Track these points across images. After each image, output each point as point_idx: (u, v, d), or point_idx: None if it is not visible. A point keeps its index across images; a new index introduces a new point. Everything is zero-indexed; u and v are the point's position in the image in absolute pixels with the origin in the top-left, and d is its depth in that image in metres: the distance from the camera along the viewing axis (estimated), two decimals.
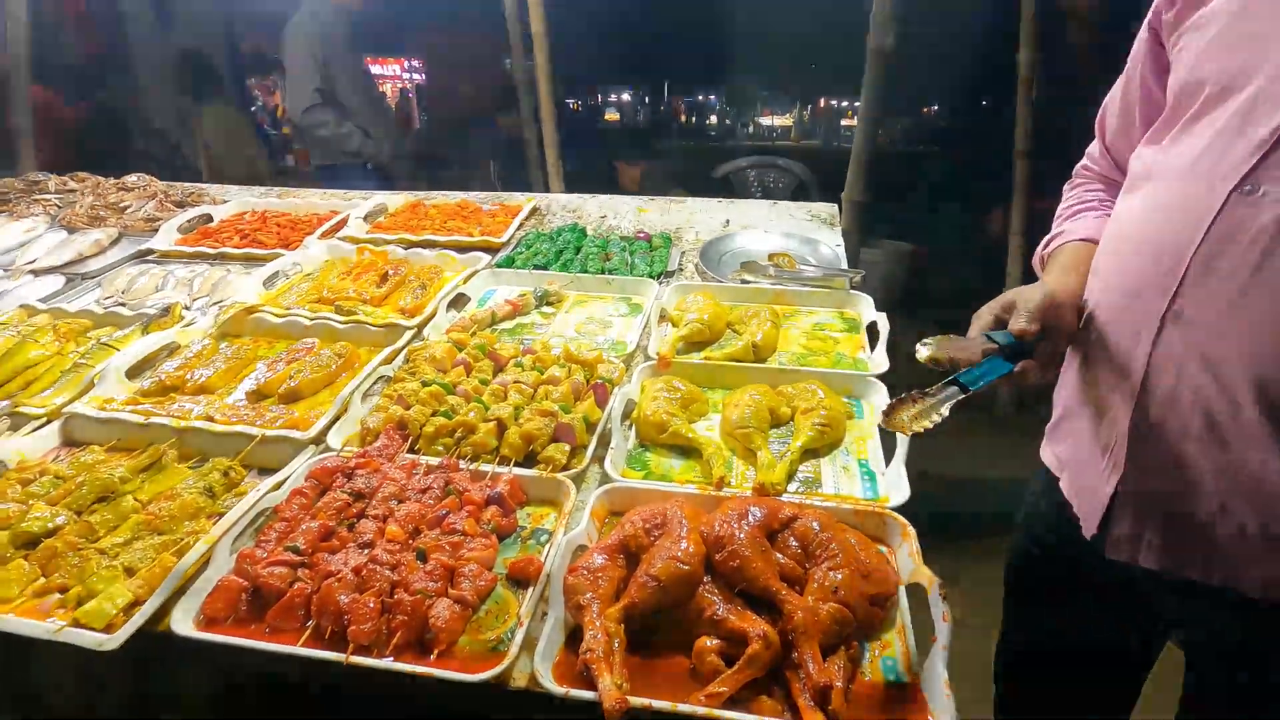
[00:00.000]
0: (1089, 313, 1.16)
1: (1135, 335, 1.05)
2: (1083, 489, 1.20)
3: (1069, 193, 1.40)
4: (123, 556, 1.16)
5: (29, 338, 1.73)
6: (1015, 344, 1.10)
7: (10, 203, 2.72)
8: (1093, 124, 1.34)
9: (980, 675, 1.65)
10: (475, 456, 1.36)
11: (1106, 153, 1.32)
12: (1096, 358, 1.15)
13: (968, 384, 1.09)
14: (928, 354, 1.13)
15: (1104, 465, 1.14)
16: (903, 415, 1.14)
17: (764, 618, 1.00)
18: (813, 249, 2.26)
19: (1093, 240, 1.24)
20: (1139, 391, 1.05)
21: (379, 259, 2.14)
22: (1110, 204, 1.26)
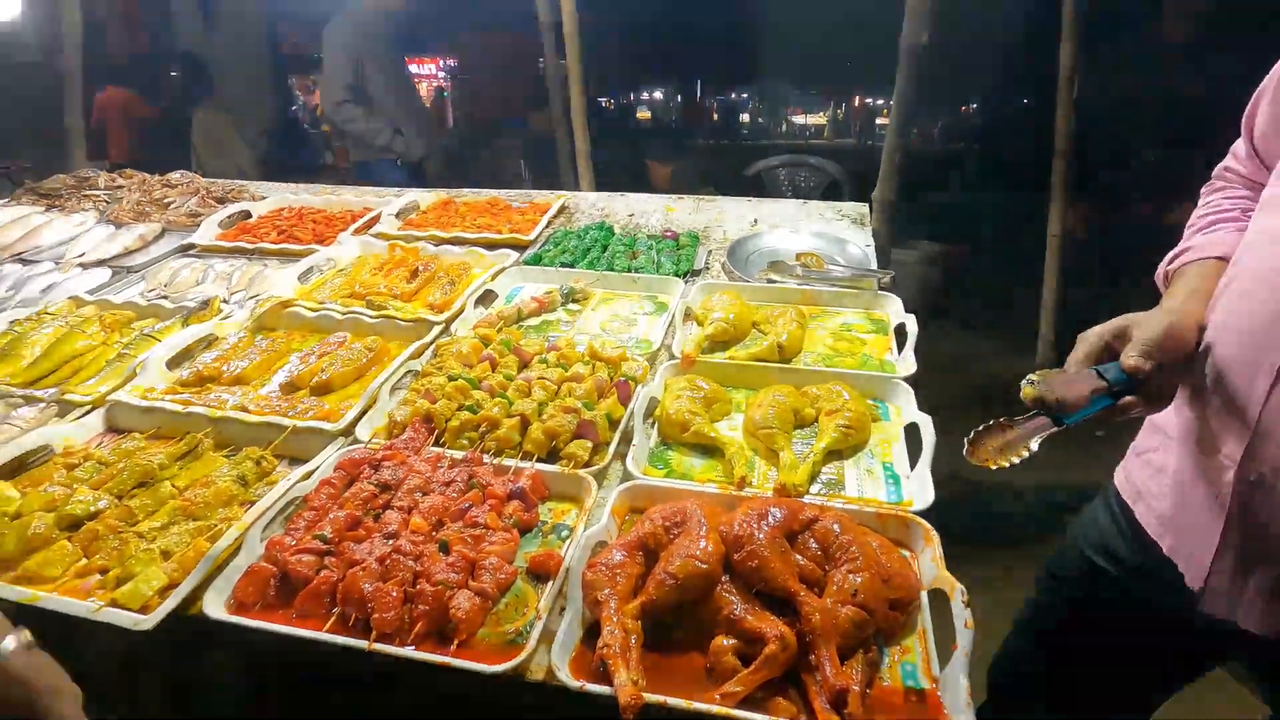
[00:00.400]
0: (1207, 344, 1.05)
1: (1251, 378, 0.96)
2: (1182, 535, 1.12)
3: (1205, 198, 1.24)
4: (159, 540, 1.21)
5: (77, 328, 1.80)
6: (1125, 381, 1.01)
7: (62, 198, 2.83)
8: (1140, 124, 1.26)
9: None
10: (499, 451, 1.37)
11: (1254, 153, 1.15)
12: (1207, 393, 1.05)
13: (1064, 418, 1.02)
14: (1034, 394, 1.05)
15: (1208, 513, 1.06)
16: (989, 446, 1.09)
17: (782, 619, 1.00)
18: (841, 249, 2.24)
19: (1226, 259, 1.10)
20: (1251, 439, 0.97)
21: (410, 255, 2.18)
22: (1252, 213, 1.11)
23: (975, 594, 1.00)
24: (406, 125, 4.49)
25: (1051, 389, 1.04)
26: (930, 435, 1.34)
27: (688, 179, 4.78)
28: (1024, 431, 1.05)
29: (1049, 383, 1.05)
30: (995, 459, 1.09)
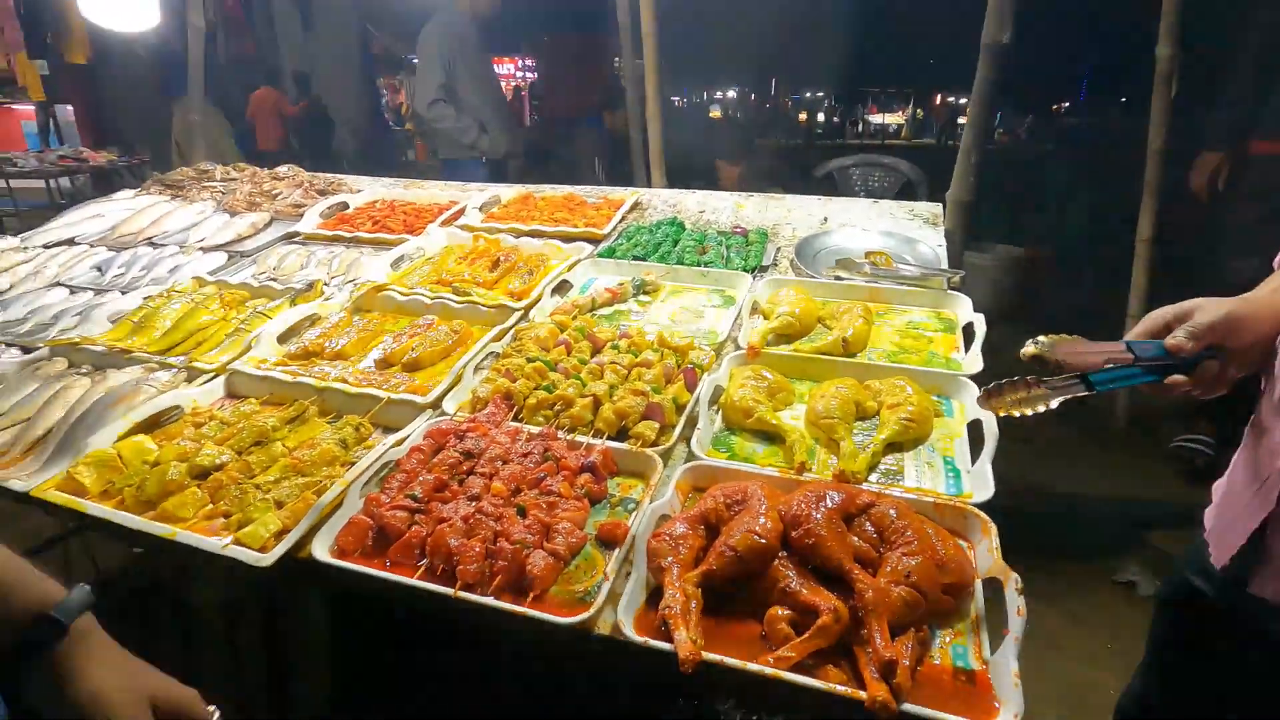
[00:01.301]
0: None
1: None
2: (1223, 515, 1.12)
3: None
4: (273, 492, 1.36)
5: (201, 305, 2.01)
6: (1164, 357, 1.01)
7: (184, 189, 3.12)
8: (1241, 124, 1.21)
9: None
10: (572, 428, 1.47)
11: None
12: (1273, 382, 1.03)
13: (1095, 383, 1.03)
14: (1033, 352, 1.08)
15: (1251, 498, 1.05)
16: (1008, 398, 1.11)
17: (835, 594, 1.05)
18: (912, 248, 2.23)
19: None
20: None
21: (492, 246, 2.31)
22: None
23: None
24: (491, 124, 4.69)
25: (1053, 351, 1.05)
26: (993, 431, 1.35)
27: (756, 180, 4.81)
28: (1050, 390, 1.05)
29: (1055, 345, 1.06)
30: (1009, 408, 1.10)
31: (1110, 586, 2.77)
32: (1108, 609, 2.66)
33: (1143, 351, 1.04)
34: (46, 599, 0.83)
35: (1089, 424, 3.59)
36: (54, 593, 0.84)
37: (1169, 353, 1.01)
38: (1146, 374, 1.03)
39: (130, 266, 2.39)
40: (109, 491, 1.39)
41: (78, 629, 0.83)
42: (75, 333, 1.94)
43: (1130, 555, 2.88)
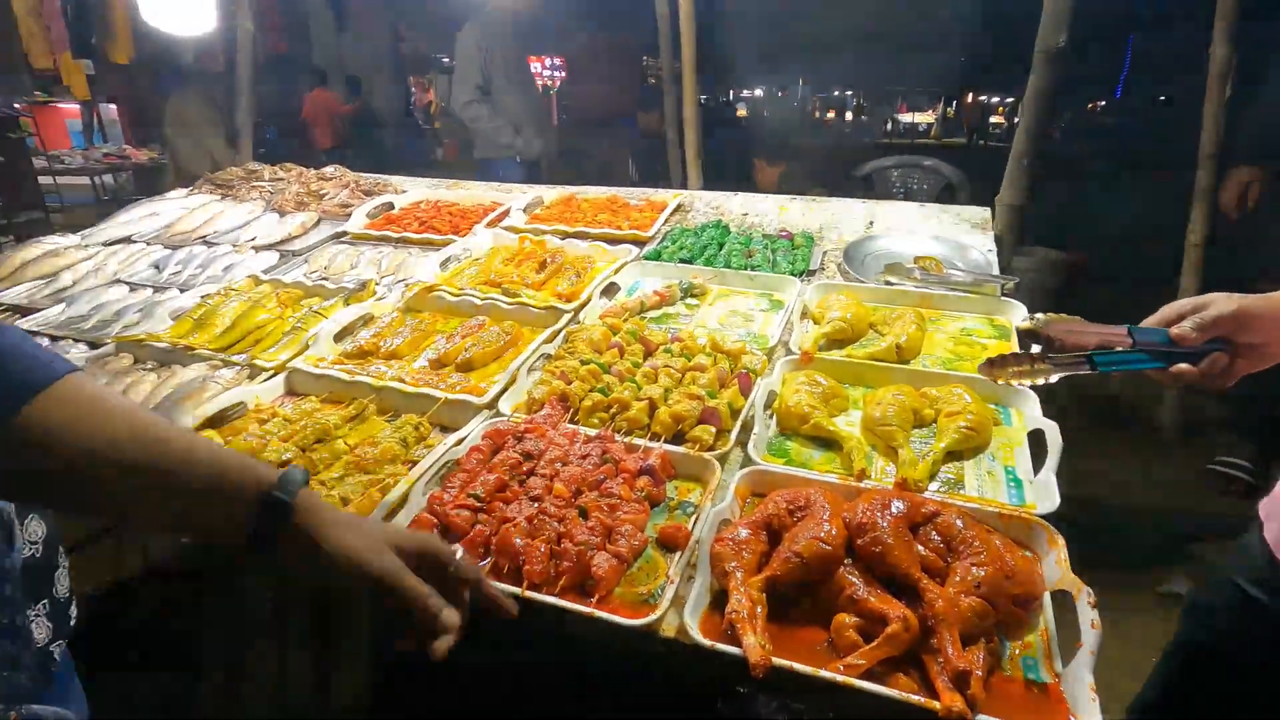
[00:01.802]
0: None
1: None
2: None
3: None
4: (337, 489, 1.39)
5: (258, 303, 2.05)
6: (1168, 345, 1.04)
7: (234, 188, 3.20)
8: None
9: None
10: (629, 431, 1.48)
11: None
12: None
13: (1099, 364, 1.07)
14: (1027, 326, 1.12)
15: None
16: (1010, 369, 1.16)
17: (903, 603, 1.05)
18: (962, 254, 2.21)
19: None
20: None
21: (538, 248, 2.33)
22: None
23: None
24: (526, 124, 4.72)
25: (1048, 327, 1.09)
26: (1056, 441, 1.34)
27: (795, 179, 4.78)
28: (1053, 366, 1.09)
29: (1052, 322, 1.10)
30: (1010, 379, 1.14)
31: (1155, 598, 2.72)
32: (1152, 621, 2.61)
33: (1143, 337, 1.06)
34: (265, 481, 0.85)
35: (1138, 432, 3.52)
36: (269, 474, 0.86)
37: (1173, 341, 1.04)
38: (1153, 360, 1.06)
39: (187, 264, 2.46)
40: None
41: (302, 503, 0.85)
42: (138, 329, 2.00)
43: (1176, 567, 2.82)
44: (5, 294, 2.36)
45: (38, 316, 2.19)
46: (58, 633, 1.07)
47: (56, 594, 1.09)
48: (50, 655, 1.04)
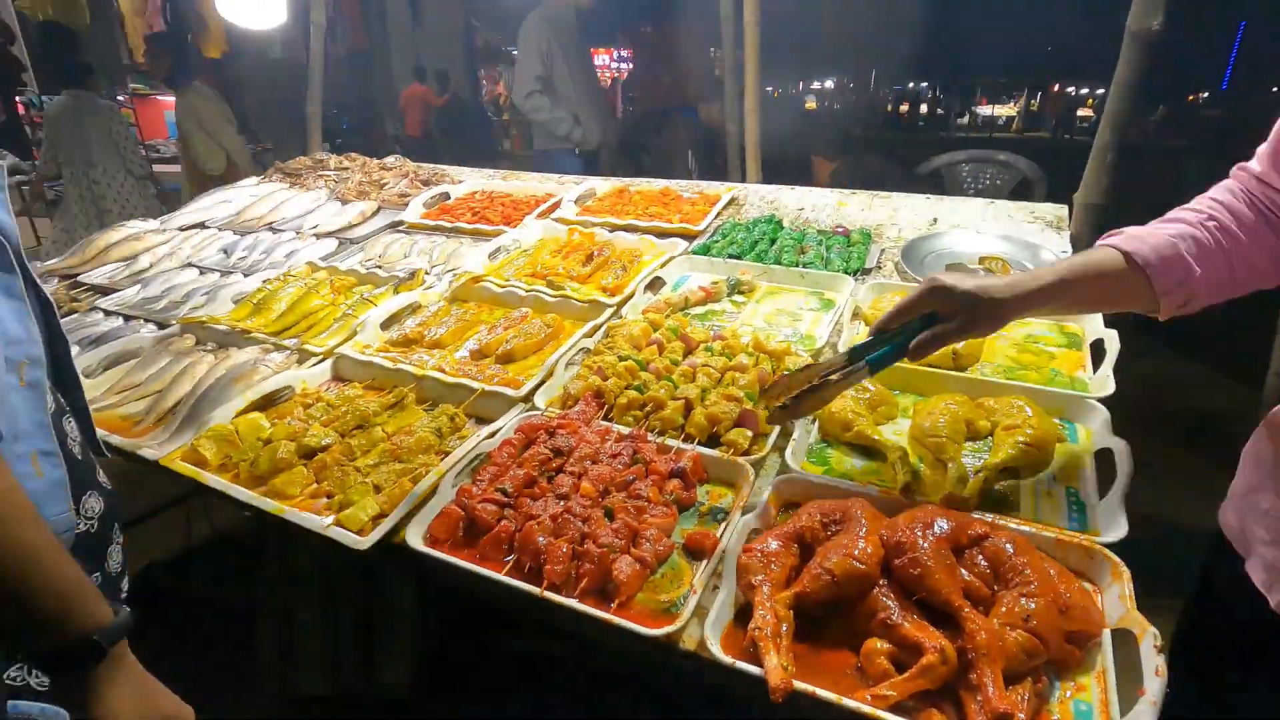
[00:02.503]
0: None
1: None
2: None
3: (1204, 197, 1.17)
4: (372, 475, 1.40)
5: (313, 289, 2.11)
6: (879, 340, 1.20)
7: (301, 177, 3.31)
8: None
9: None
10: (662, 431, 1.44)
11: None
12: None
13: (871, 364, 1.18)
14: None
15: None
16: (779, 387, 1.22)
17: (942, 632, 0.97)
18: (1033, 255, 2.07)
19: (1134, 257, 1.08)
20: None
21: (586, 240, 2.31)
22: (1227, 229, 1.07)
23: None
24: (586, 115, 4.72)
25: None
26: (1127, 463, 1.22)
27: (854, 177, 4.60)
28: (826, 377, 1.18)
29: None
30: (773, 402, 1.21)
31: None
32: None
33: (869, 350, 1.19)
34: (96, 620, 0.87)
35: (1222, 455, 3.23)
36: (102, 616, 0.88)
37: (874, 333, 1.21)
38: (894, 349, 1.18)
39: (252, 250, 2.55)
40: (226, 465, 1.48)
41: (114, 654, 0.88)
42: (203, 311, 2.09)
43: None
44: (89, 275, 2.50)
45: (116, 296, 2.32)
46: None
47: (108, 568, 1.14)
48: None
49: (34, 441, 1.00)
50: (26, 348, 1.00)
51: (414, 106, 9.51)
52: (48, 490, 1.01)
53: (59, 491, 1.04)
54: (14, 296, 0.99)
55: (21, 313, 1.00)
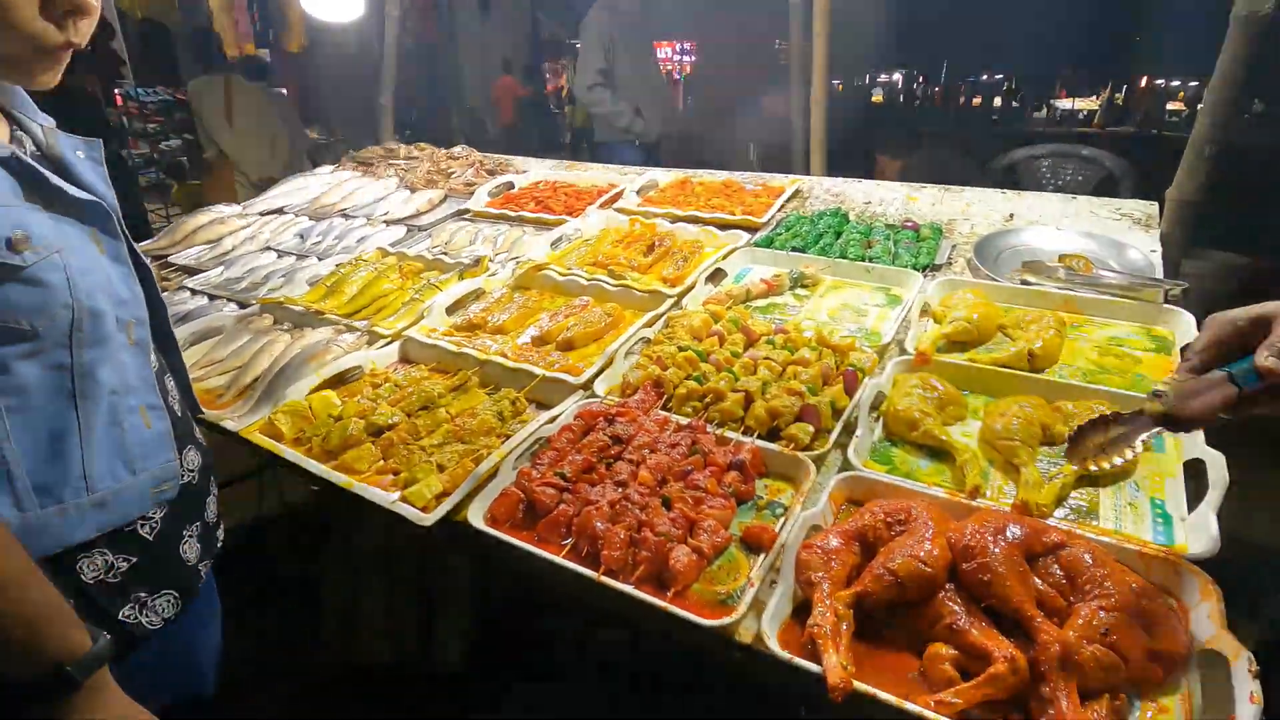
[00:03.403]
0: None
1: None
2: None
3: None
4: (436, 455, 1.44)
5: (383, 274, 2.18)
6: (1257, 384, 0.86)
7: (372, 165, 3.41)
8: None
9: None
10: (722, 423, 1.43)
11: None
12: None
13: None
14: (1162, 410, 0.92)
15: None
16: (1090, 444, 1.05)
17: (1011, 642, 0.93)
18: (1118, 253, 1.95)
19: None
20: None
21: (648, 230, 2.31)
22: None
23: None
24: (648, 108, 4.71)
25: (1183, 404, 0.91)
26: (1220, 474, 1.14)
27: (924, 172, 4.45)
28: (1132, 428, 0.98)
29: (1180, 396, 0.91)
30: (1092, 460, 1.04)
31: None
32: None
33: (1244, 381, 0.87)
34: (69, 650, 0.85)
35: None
36: (77, 644, 0.86)
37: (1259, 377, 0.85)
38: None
39: (326, 235, 2.65)
40: (300, 439, 1.54)
41: (90, 685, 0.86)
42: (280, 293, 2.18)
43: None
44: (177, 256, 2.65)
45: (201, 277, 2.44)
46: (205, 553, 1.18)
47: (206, 518, 1.21)
48: (198, 573, 1.16)
49: (142, 395, 1.08)
50: (133, 309, 1.07)
51: (506, 98, 9.85)
52: (155, 440, 1.09)
53: (166, 441, 1.11)
54: (120, 261, 1.06)
55: (128, 276, 1.07)
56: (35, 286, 0.90)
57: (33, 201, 0.93)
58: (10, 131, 1.03)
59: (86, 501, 0.99)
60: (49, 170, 0.99)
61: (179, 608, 1.11)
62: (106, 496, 1.01)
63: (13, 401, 0.91)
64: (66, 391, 0.96)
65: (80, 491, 0.98)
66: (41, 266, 0.91)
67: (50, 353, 0.93)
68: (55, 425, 0.96)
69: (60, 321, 0.93)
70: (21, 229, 0.89)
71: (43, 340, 0.92)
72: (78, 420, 0.97)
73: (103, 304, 0.99)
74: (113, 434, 1.02)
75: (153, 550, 1.08)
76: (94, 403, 0.99)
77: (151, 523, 1.08)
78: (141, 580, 1.06)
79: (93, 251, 1.00)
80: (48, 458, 0.95)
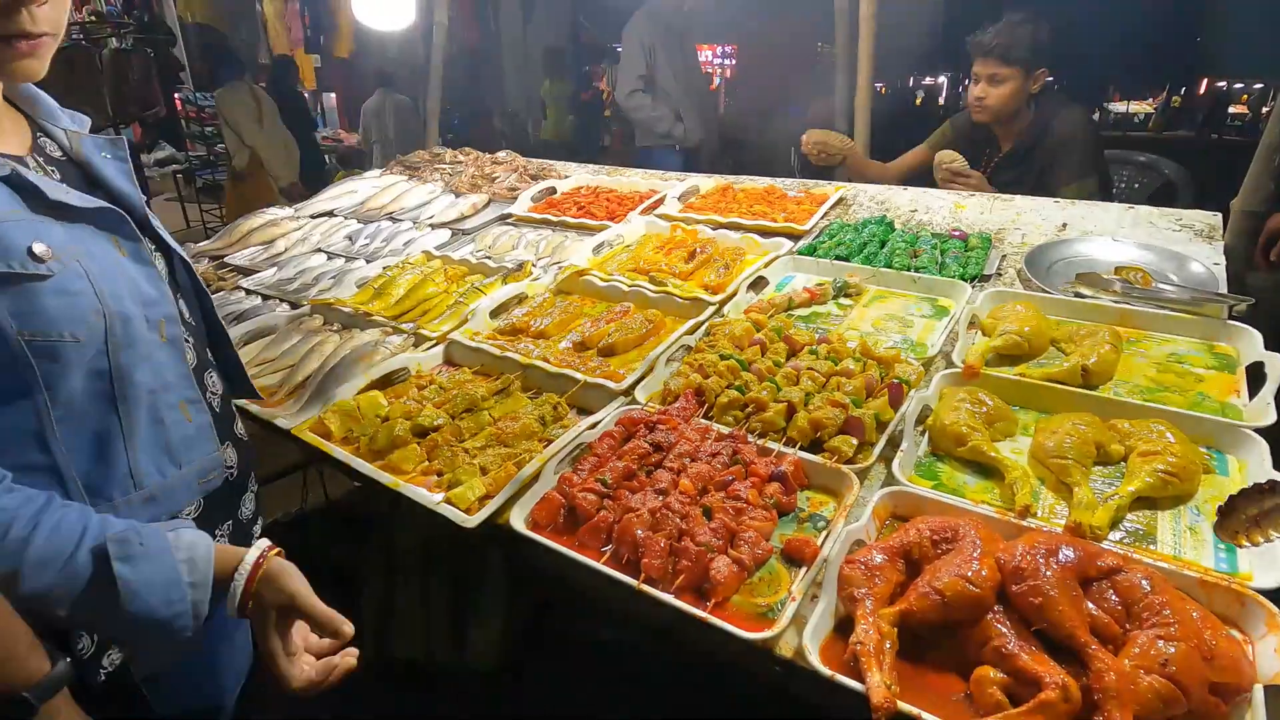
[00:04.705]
0: None
1: None
2: None
3: None
4: (479, 458, 1.46)
5: (428, 277, 2.22)
6: None
7: (419, 170, 3.48)
8: None
9: None
10: (763, 433, 1.42)
11: None
12: None
13: None
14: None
15: None
16: (1242, 516, 0.96)
17: (1064, 669, 0.91)
18: (1178, 265, 1.89)
19: None
20: None
21: (689, 237, 2.31)
22: None
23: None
24: (688, 112, 4.71)
25: None
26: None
27: None
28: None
29: None
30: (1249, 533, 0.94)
31: None
32: None
33: None
34: (30, 678, 0.85)
35: None
36: (35, 669, 0.86)
37: None
38: None
39: (374, 238, 2.72)
40: (348, 438, 1.59)
41: (48, 709, 0.86)
42: (330, 294, 2.24)
43: None
44: (233, 256, 2.74)
45: (255, 277, 2.52)
46: None
47: (240, 515, 1.25)
48: None
49: (180, 391, 1.11)
50: (163, 307, 1.09)
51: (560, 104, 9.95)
52: (197, 433, 1.13)
53: (208, 433, 1.15)
54: (143, 261, 1.08)
55: (153, 276, 1.09)
56: (65, 296, 0.93)
57: (41, 213, 0.95)
58: (34, 138, 1.07)
59: (136, 498, 1.02)
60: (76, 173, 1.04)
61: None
62: (155, 491, 1.05)
63: (60, 411, 0.94)
64: (108, 396, 0.99)
65: (128, 489, 1.02)
66: (66, 276, 0.93)
67: (91, 360, 0.96)
68: (100, 429, 0.99)
69: (95, 329, 0.96)
70: (41, 240, 0.91)
71: (84, 348, 0.95)
72: (120, 422, 1.00)
73: (130, 307, 1.01)
74: (156, 431, 1.06)
75: None
76: (135, 404, 1.02)
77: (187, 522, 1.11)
78: None
79: (113, 256, 1.02)
80: (95, 460, 0.99)
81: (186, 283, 1.22)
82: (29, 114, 1.10)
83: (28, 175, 0.95)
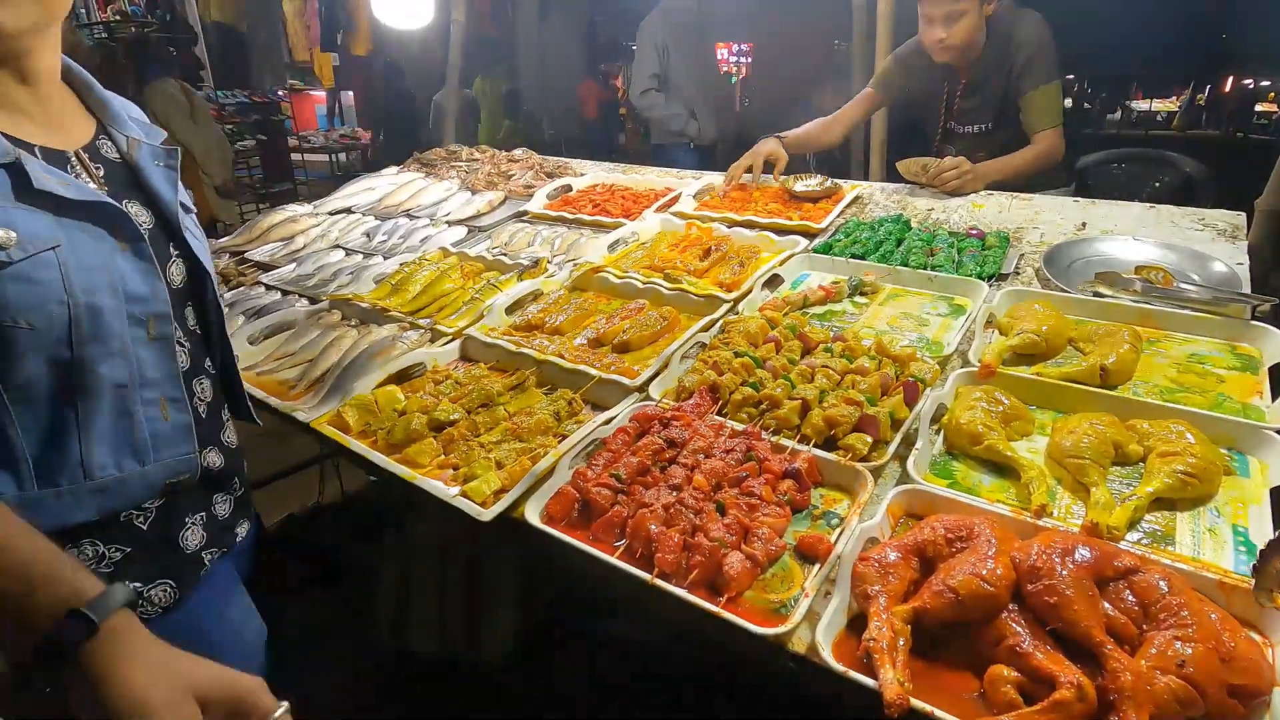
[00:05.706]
0: None
1: None
2: None
3: None
4: (494, 452, 1.48)
5: (445, 273, 2.24)
6: None
7: (436, 167, 3.51)
8: None
9: None
10: (777, 430, 1.43)
11: None
12: None
13: None
14: None
15: None
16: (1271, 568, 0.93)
17: (1079, 668, 0.90)
18: (1200, 265, 1.86)
19: None
20: None
21: (704, 235, 2.32)
22: None
23: None
24: (703, 111, 4.71)
25: None
26: None
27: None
28: None
29: None
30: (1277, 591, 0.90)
31: None
32: None
33: None
34: (80, 594, 0.79)
35: None
36: (88, 588, 0.80)
37: None
38: None
39: (391, 234, 2.74)
40: (365, 431, 1.61)
41: (111, 627, 0.78)
42: (348, 290, 2.27)
43: None
44: (254, 252, 2.78)
45: (275, 273, 2.56)
46: (211, 543, 1.20)
47: (216, 513, 1.23)
48: (200, 562, 1.17)
49: (163, 389, 1.10)
50: (151, 305, 1.07)
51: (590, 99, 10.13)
52: (173, 432, 1.12)
53: (185, 434, 1.14)
54: (142, 258, 1.07)
55: (150, 273, 1.07)
56: (25, 284, 0.92)
57: (26, 202, 0.94)
58: (94, 137, 1.11)
59: (83, 488, 1.01)
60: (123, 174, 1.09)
61: (176, 597, 1.11)
62: (106, 484, 1.03)
63: (14, 395, 0.94)
64: (66, 385, 0.98)
65: (77, 479, 1.00)
66: (32, 263, 0.92)
67: (49, 349, 0.95)
68: (54, 416, 0.98)
69: (57, 318, 0.94)
70: (6, 227, 0.91)
71: (41, 336, 0.94)
72: (75, 414, 0.99)
73: (105, 300, 0.99)
74: (121, 425, 1.04)
75: (146, 539, 1.09)
76: (95, 396, 1.00)
77: (147, 513, 1.10)
78: (135, 570, 1.07)
79: (105, 249, 1.01)
80: (45, 446, 0.98)
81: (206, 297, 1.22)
82: (100, 118, 1.13)
83: (27, 164, 0.95)
